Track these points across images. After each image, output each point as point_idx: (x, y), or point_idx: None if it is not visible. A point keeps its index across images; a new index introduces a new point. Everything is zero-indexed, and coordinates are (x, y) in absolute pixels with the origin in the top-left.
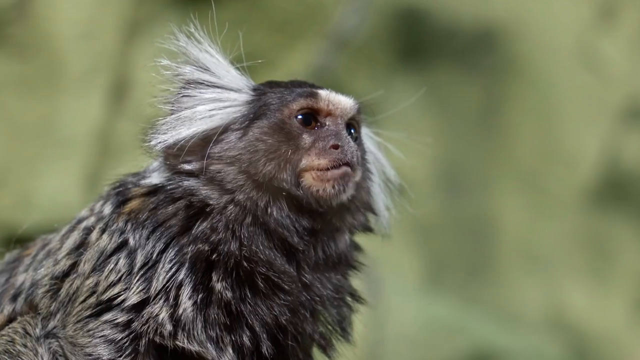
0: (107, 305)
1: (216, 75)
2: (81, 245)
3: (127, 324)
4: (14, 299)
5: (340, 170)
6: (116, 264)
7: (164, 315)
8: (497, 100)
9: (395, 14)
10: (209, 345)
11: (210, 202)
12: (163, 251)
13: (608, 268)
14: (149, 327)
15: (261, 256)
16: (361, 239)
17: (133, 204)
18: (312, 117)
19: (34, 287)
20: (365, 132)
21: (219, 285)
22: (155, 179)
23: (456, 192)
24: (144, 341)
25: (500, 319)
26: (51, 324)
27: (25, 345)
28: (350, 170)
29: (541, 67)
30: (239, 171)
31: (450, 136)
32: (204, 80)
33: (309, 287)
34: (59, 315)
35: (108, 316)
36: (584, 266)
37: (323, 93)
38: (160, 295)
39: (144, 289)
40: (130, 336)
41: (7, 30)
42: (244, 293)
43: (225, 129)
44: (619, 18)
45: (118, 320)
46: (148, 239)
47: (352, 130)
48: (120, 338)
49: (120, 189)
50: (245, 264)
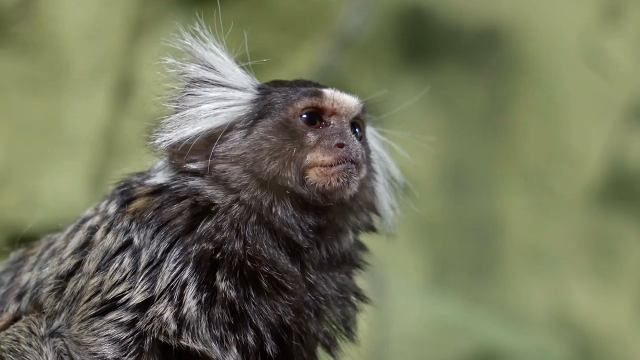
0: (112, 305)
1: (221, 74)
2: (86, 245)
3: (132, 323)
4: (19, 298)
5: (345, 165)
6: (121, 263)
7: (168, 314)
8: (502, 100)
9: (400, 13)
10: (213, 344)
11: (215, 202)
12: (167, 250)
13: (613, 268)
14: (153, 326)
15: (265, 255)
16: (366, 238)
17: (138, 203)
18: (317, 116)
19: (38, 286)
20: (369, 131)
21: (222, 285)
22: (160, 178)
23: (461, 192)
24: (148, 340)
25: (505, 318)
26: (56, 323)
27: (30, 344)
28: (355, 167)
29: (546, 67)
30: (244, 170)
31: (454, 135)
32: (209, 79)
33: (313, 287)
34: (63, 315)
35: (113, 315)
36: (588, 266)
37: (328, 92)
38: (164, 295)
39: (148, 288)
40: (135, 335)
41: (12, 29)
42: (248, 292)
43: (229, 128)
44: (624, 17)
45: (123, 320)
46: (152, 238)
47: (357, 129)
48: (124, 337)
49: (125, 188)
50: (249, 263)
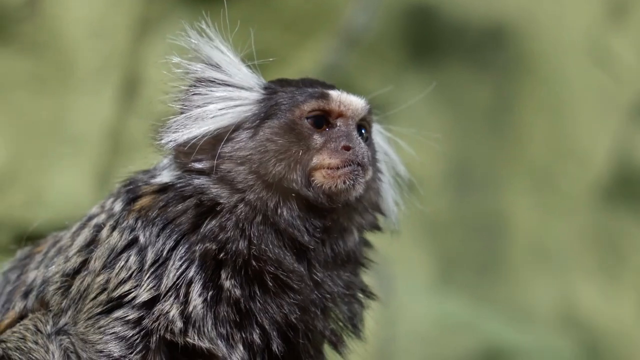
0: (118, 303)
1: (227, 73)
2: (92, 243)
3: (138, 321)
4: (25, 296)
5: (351, 167)
6: (127, 261)
7: (174, 312)
8: (508, 97)
9: (406, 11)
10: (219, 342)
11: (221, 201)
12: (173, 248)
13: (619, 265)
14: (159, 324)
15: (270, 255)
16: (372, 236)
17: (143, 202)
18: (323, 119)
19: (45, 284)
20: (376, 128)
21: (227, 283)
22: (166, 177)
23: (467, 190)
24: (154, 338)
25: (511, 316)
26: (62, 321)
27: (36, 342)
28: (361, 170)
29: (552, 65)
30: (250, 171)
31: (460, 133)
32: (215, 78)
33: (319, 285)
34: (70, 312)
35: (119, 313)
36: (595, 263)
37: (334, 94)
38: (170, 293)
39: (154, 286)
40: (141, 333)
41: (19, 28)
42: (253, 291)
43: (236, 128)
44: (630, 15)
45: (129, 317)
46: (158, 236)
47: (363, 131)
48: (131, 335)
49: (131, 186)
50: (254, 263)
